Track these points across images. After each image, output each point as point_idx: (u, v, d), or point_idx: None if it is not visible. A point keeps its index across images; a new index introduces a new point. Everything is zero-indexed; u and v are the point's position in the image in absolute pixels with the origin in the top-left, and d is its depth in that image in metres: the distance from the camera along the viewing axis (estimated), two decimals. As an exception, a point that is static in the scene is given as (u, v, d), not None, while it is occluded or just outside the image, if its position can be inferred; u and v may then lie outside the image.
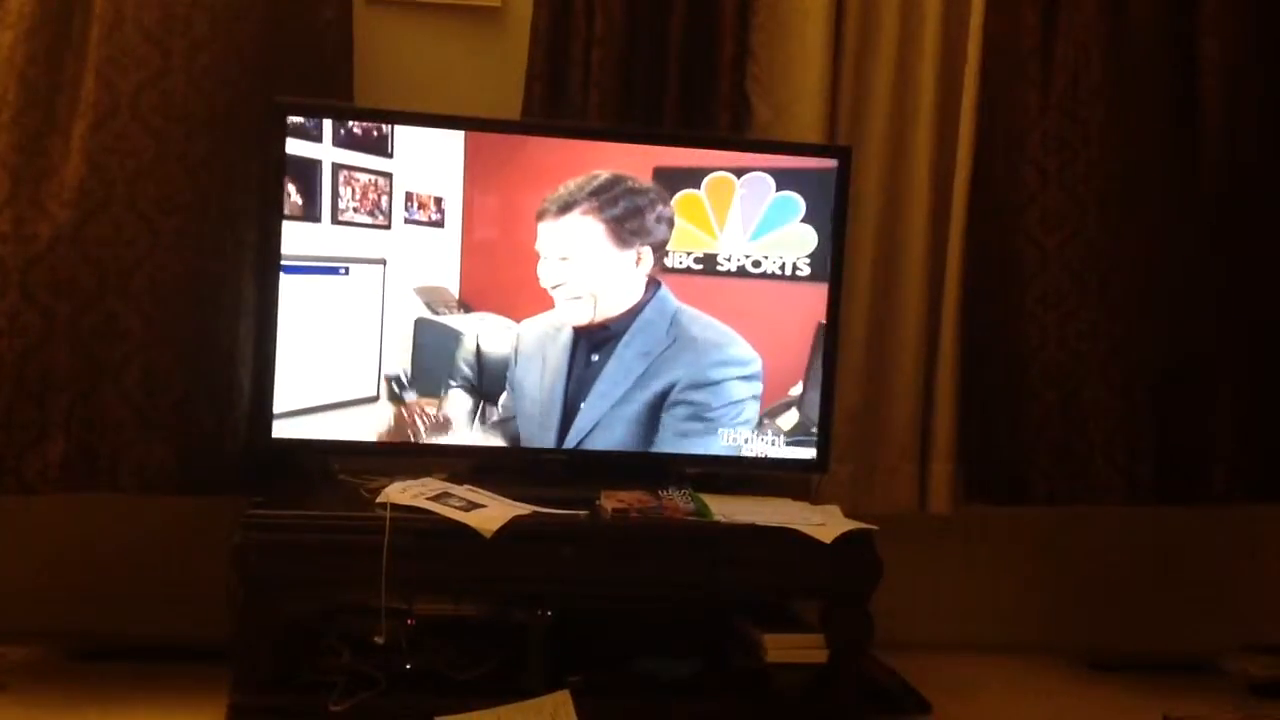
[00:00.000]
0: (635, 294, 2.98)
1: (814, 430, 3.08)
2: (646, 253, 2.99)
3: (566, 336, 3.00)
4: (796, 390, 3.07)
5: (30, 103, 2.80)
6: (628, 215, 2.96)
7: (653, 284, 2.99)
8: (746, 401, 3.06)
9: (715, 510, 2.93)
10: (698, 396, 3.03)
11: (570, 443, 3.02)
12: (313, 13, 3.07)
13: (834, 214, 3.11)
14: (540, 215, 2.95)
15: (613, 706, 2.79)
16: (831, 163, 3.09)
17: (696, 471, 3.13)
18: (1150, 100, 3.31)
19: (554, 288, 2.98)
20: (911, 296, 3.40)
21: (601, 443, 3.02)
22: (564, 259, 2.96)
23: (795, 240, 3.05)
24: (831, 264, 3.11)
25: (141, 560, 3.17)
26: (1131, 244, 3.28)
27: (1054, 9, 3.34)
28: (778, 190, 3.04)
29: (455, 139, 2.93)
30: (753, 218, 3.03)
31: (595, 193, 2.95)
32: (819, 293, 3.05)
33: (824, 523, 2.91)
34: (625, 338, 2.98)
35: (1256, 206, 3.34)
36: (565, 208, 2.94)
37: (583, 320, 2.98)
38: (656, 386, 3.02)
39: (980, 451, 3.38)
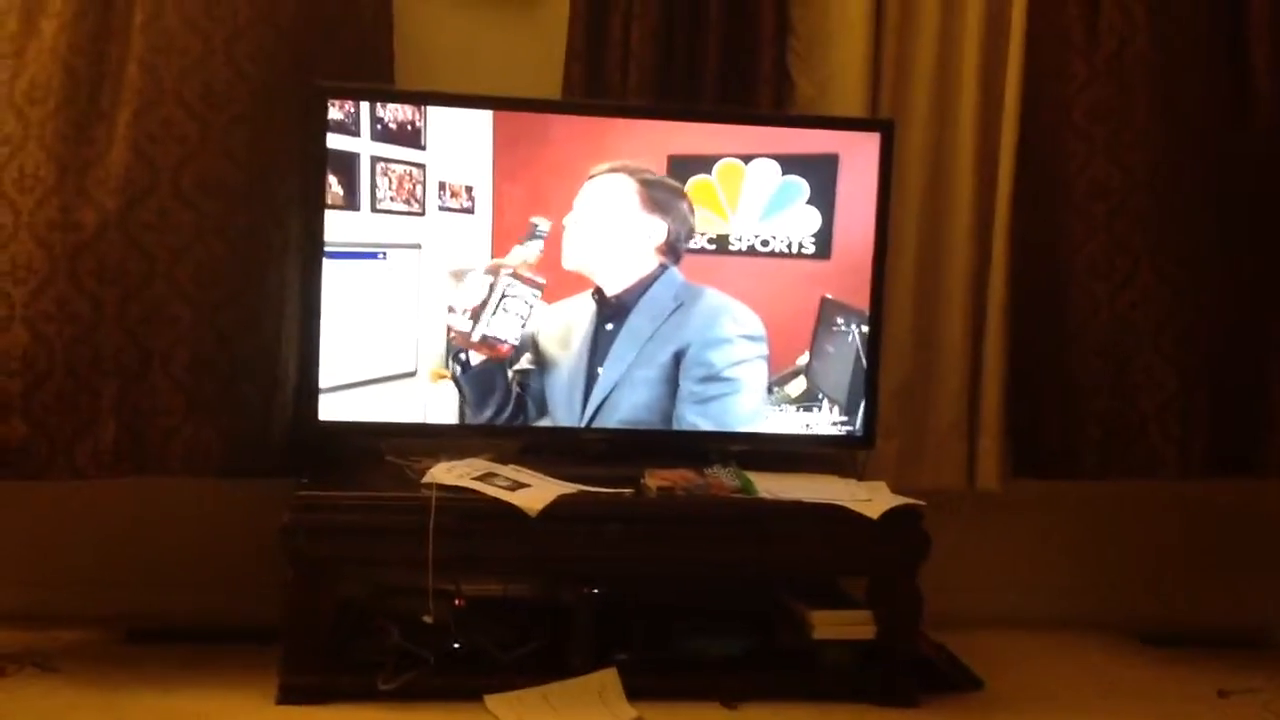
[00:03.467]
0: (645, 268, 3.10)
1: (820, 396, 3.16)
2: (662, 228, 3.08)
3: (587, 311, 3.09)
4: (803, 360, 3.15)
5: (75, 91, 2.82)
6: (660, 192, 3.08)
7: (663, 265, 3.09)
8: (753, 361, 3.13)
9: (760, 487, 2.93)
10: (708, 355, 3.11)
11: (594, 404, 3.08)
12: (352, -1, 3.09)
13: (878, 188, 3.13)
14: (590, 176, 3.06)
15: (660, 684, 2.79)
16: (833, 148, 3.14)
17: (740, 450, 3.13)
18: (1198, 59, 3.26)
19: (571, 239, 3.06)
20: (958, 270, 3.36)
21: (625, 403, 3.09)
22: (586, 212, 3.06)
23: (800, 221, 3.13)
24: (876, 239, 3.14)
25: (193, 543, 3.19)
26: (1181, 209, 3.22)
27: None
28: (783, 175, 3.12)
29: (484, 128, 3.01)
30: (760, 201, 3.12)
31: (641, 169, 3.08)
32: (822, 268, 3.16)
33: (870, 499, 2.90)
34: (636, 307, 3.10)
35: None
36: (612, 170, 3.06)
37: (575, 266, 3.07)
38: (670, 349, 3.10)
39: (1029, 425, 3.34)
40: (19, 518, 3.17)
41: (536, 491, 2.79)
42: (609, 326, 3.08)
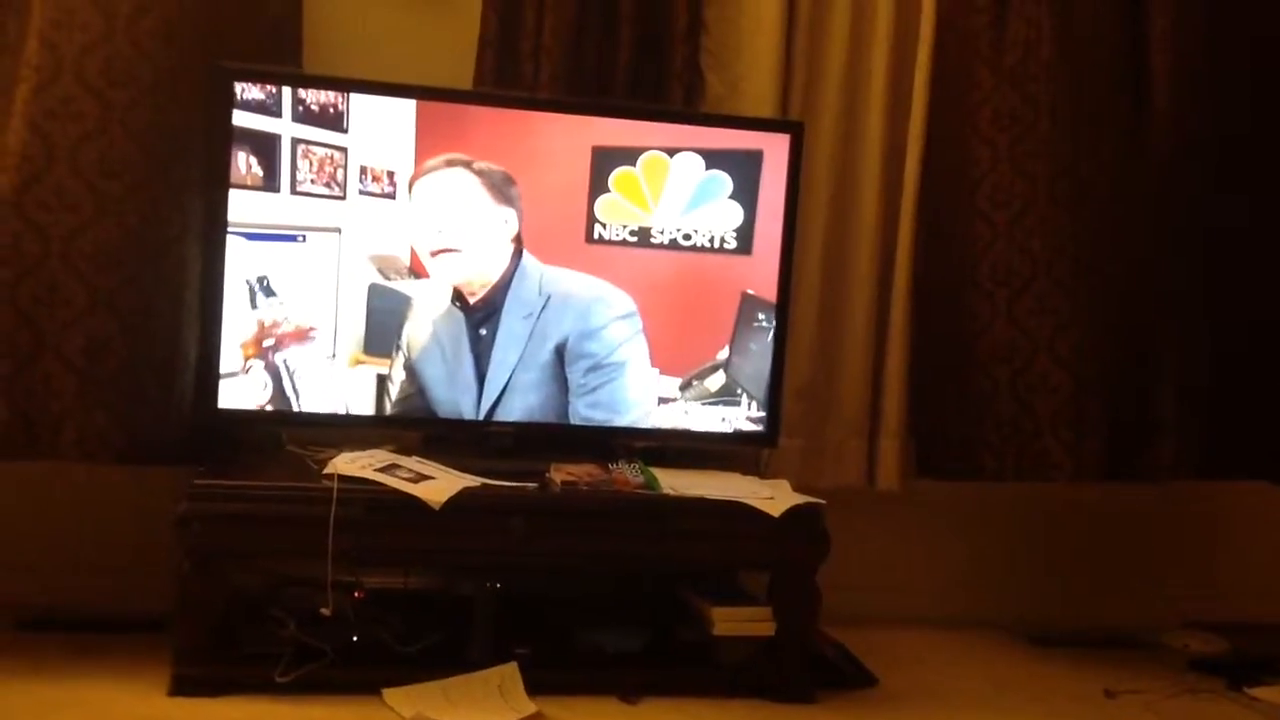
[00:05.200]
0: (503, 262, 3.06)
1: (739, 391, 3.16)
2: (513, 216, 3.05)
3: (455, 319, 3.05)
4: (722, 355, 3.15)
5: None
6: (498, 178, 3.04)
7: (516, 253, 3.07)
8: (633, 339, 3.12)
9: (664, 483, 2.94)
10: (589, 346, 3.10)
11: (484, 409, 3.06)
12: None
13: (787, 189, 3.15)
14: (414, 180, 3.00)
15: (560, 678, 2.79)
16: (757, 145, 3.15)
17: (644, 446, 3.14)
18: (1100, 76, 3.32)
19: (434, 254, 3.02)
20: (862, 272, 3.41)
21: (517, 407, 3.07)
22: (442, 215, 3.02)
23: (723, 216, 3.14)
24: (783, 239, 3.15)
25: (85, 530, 3.12)
26: (1079, 219, 3.29)
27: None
28: (707, 169, 3.13)
29: (407, 114, 2.98)
30: (684, 194, 3.12)
31: (465, 161, 3.02)
32: (743, 264, 3.16)
33: (772, 496, 2.93)
34: (504, 306, 3.07)
35: (1203, 181, 3.34)
36: (443, 165, 3.00)
37: (459, 279, 3.04)
38: (549, 345, 3.09)
39: (929, 427, 3.40)
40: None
41: (440, 484, 2.77)
42: (483, 331, 3.05)
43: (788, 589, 2.92)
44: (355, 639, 2.81)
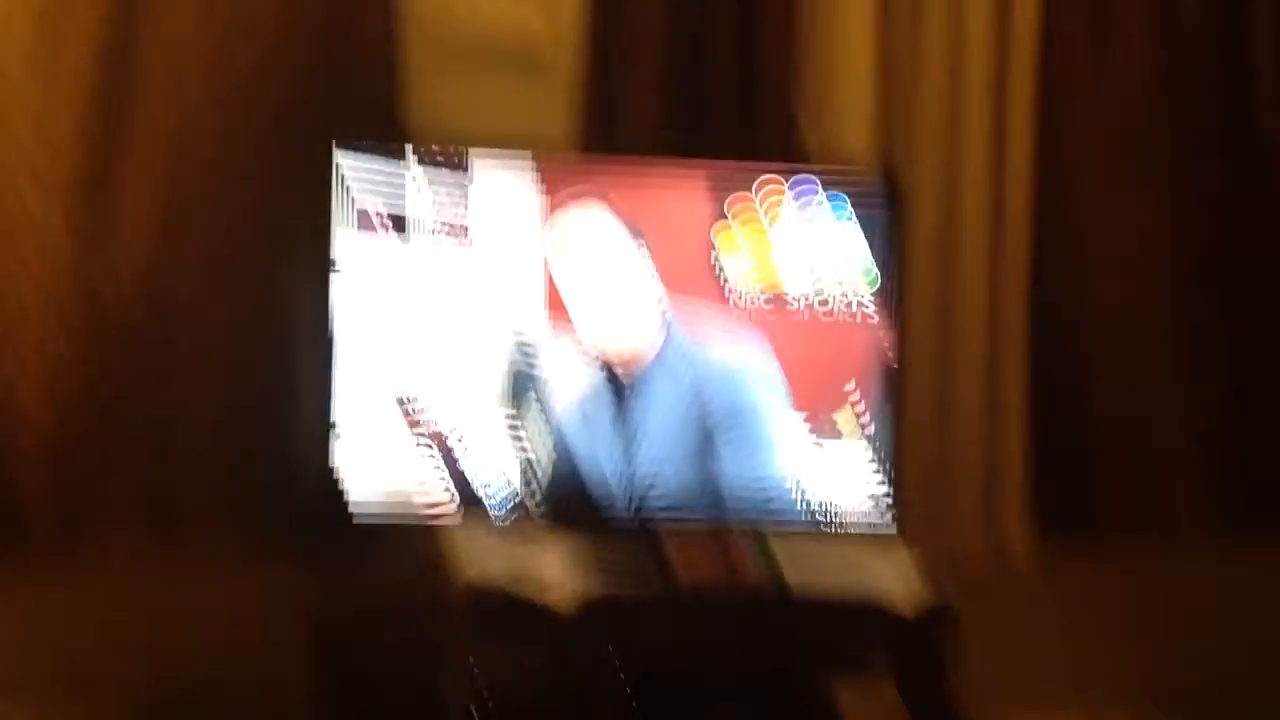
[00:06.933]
0: (652, 329, 2.98)
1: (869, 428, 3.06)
2: (658, 286, 2.96)
3: (602, 390, 2.98)
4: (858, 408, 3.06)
5: (92, 164, 2.80)
6: (631, 222, 2.97)
7: (666, 320, 2.99)
8: (778, 410, 3.02)
9: (783, 559, 2.88)
10: (741, 422, 3.01)
11: (639, 493, 2.99)
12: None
13: (889, 250, 3.06)
14: (549, 218, 2.94)
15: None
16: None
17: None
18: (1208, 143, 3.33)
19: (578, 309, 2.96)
20: (973, 336, 3.34)
21: (671, 479, 2.99)
22: (584, 261, 2.96)
23: (855, 275, 3.05)
24: (892, 312, 3.06)
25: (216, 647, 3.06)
26: (1192, 262, 3.32)
27: (1104, 26, 3.32)
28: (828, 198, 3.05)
29: (526, 174, 2.95)
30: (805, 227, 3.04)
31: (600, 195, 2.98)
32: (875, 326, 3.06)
33: (897, 578, 2.87)
34: (654, 378, 2.97)
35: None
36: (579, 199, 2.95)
37: (621, 352, 2.97)
38: (699, 424, 2.99)
39: (1054, 493, 3.34)
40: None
41: (564, 587, 2.73)
42: (631, 403, 2.97)
43: (919, 686, 2.88)
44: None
